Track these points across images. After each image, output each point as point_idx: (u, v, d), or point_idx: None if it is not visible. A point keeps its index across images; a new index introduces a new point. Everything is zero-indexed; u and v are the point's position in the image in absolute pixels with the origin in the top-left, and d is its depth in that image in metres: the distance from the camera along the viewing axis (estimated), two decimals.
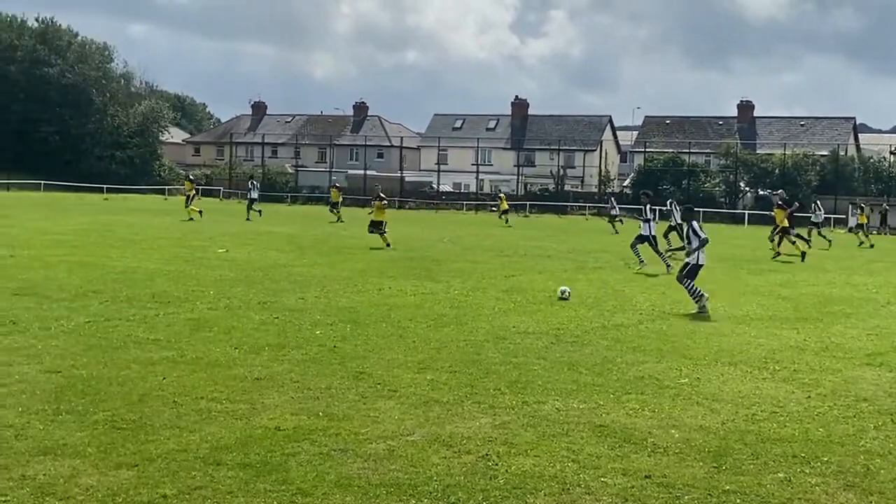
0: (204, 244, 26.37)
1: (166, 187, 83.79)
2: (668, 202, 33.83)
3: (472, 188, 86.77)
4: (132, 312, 13.43)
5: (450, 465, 6.96)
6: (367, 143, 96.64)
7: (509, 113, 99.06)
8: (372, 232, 28.31)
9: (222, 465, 6.74)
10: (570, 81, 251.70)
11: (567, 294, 16.80)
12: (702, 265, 16.16)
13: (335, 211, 47.47)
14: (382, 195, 29.91)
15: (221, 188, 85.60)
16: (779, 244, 29.25)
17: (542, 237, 33.23)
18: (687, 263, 16.28)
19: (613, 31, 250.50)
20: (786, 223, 29.33)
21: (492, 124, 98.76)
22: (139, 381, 9.21)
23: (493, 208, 75.34)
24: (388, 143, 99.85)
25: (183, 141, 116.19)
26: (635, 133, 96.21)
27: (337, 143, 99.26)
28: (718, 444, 7.72)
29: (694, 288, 15.71)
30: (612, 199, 54.84)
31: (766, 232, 34.95)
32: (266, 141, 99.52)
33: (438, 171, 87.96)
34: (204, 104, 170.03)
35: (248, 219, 42.07)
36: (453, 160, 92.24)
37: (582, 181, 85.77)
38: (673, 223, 30.27)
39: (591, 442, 7.68)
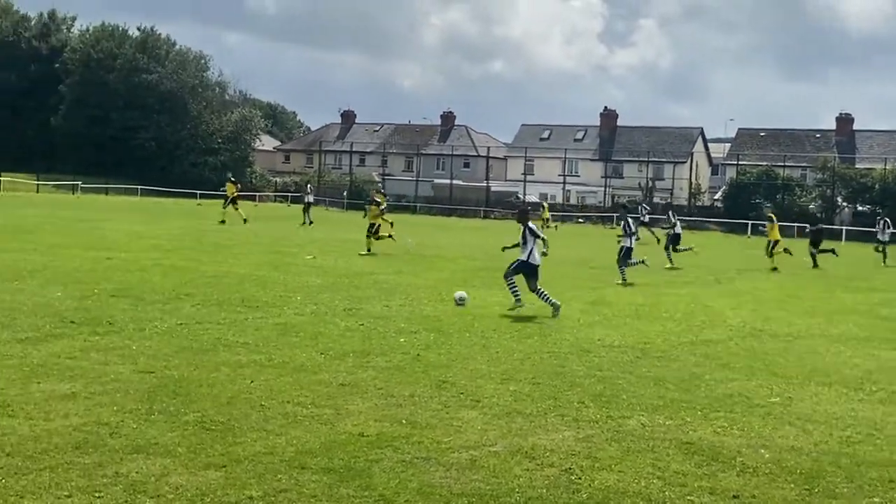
0: (292, 251, 26.72)
1: (257, 194, 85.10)
2: (668, 213, 33.71)
3: (559, 199, 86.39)
4: (222, 316, 13.68)
5: (532, 477, 6.95)
6: (454, 152, 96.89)
7: (597, 124, 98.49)
8: (369, 236, 27.94)
9: (307, 468, 6.83)
10: (659, 92, 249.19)
11: (464, 300, 16.43)
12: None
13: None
14: (377, 199, 29.82)
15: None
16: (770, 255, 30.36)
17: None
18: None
19: (704, 40, 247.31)
20: (777, 236, 30.71)
21: (579, 135, 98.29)
22: (228, 383, 9.39)
23: (581, 220, 75.02)
24: (475, 153, 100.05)
25: (274, 148, 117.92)
26: (727, 145, 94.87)
27: (424, 152, 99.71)
28: (811, 466, 7.56)
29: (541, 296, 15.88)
30: (671, 213, 53.76)
31: (865, 249, 34.18)
32: (354, 149, 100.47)
33: (525, 181, 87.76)
34: (295, 113, 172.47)
35: (304, 222, 42.53)
36: (540, 171, 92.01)
37: (671, 193, 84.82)
38: (674, 232, 30.57)
39: (677, 459, 7.60)
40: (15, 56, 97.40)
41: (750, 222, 63.78)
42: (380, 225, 28.43)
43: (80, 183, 71.30)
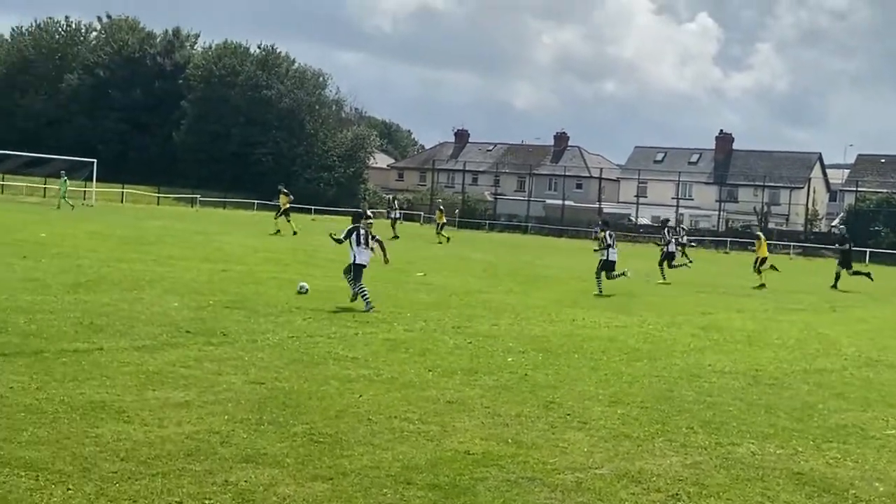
0: (403, 267, 26.91)
1: (370, 211, 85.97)
2: (665, 229, 33.61)
3: (672, 222, 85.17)
4: (333, 330, 13.85)
5: (638, 501, 6.86)
6: (567, 173, 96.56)
7: (712, 147, 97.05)
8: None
9: (412, 484, 6.86)
10: (775, 116, 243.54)
11: (305, 289, 18.12)
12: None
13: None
14: (369, 213, 29.88)
15: (422, 213, 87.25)
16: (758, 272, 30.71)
17: (742, 275, 32.30)
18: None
19: (822, 64, 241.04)
20: (765, 253, 31.39)
21: (694, 158, 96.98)
22: (337, 396, 9.49)
23: (693, 244, 73.86)
24: (588, 174, 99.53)
25: (388, 166, 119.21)
26: (846, 171, 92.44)
27: (536, 172, 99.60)
28: None
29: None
30: (681, 228, 52.83)
31: None
32: (467, 168, 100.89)
33: (637, 203, 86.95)
34: (409, 131, 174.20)
35: (394, 236, 43.09)
36: (653, 193, 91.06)
37: (787, 219, 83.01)
38: (668, 250, 31.32)
39: (787, 489, 7.41)
40: (140, 72, 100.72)
41: (868, 250, 61.94)
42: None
43: (199, 196, 73.17)
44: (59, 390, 8.83)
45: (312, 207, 77.87)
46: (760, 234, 33.39)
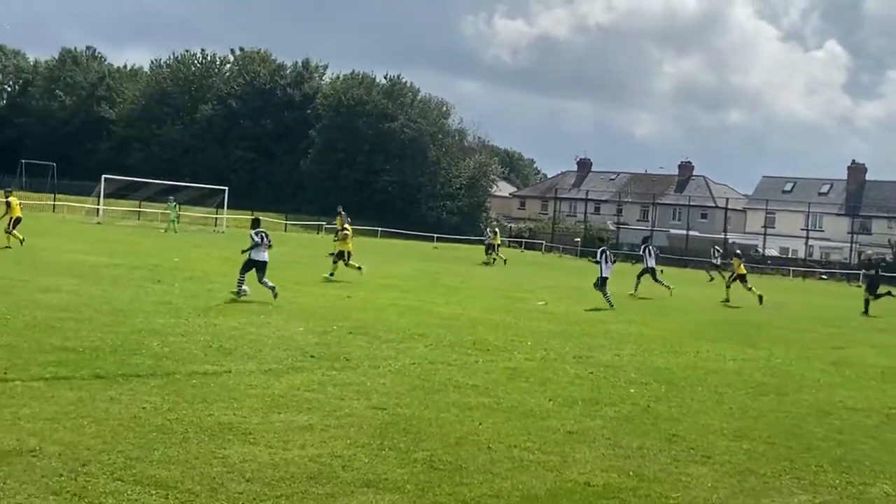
0: (524, 296, 26.91)
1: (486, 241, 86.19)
2: (642, 248, 35.01)
3: (801, 254, 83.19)
4: (454, 357, 13.92)
5: None
6: (691, 202, 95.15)
7: (844, 177, 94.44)
8: (335, 262, 28.12)
9: None
10: None
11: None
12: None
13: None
14: (346, 227, 30.00)
15: (544, 242, 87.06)
16: (728, 286, 32.80)
17: (876, 310, 31.26)
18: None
19: None
20: (743, 270, 32.90)
21: (825, 189, 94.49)
22: (457, 424, 9.53)
23: (824, 276, 71.92)
24: (713, 204, 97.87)
25: (510, 195, 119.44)
26: None
27: (660, 201, 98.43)
28: None
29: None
30: (715, 249, 53.68)
31: None
32: (589, 197, 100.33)
33: (765, 234, 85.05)
34: (532, 160, 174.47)
35: (485, 262, 43.11)
36: (781, 224, 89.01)
37: None
38: (646, 266, 33.04)
39: None
40: (271, 103, 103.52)
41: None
42: (349, 252, 28.86)
43: (324, 223, 74.37)
44: (189, 411, 9.09)
45: (435, 235, 78.41)
46: (739, 252, 35.43)
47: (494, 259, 48.27)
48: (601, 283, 26.15)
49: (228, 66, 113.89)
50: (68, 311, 15.27)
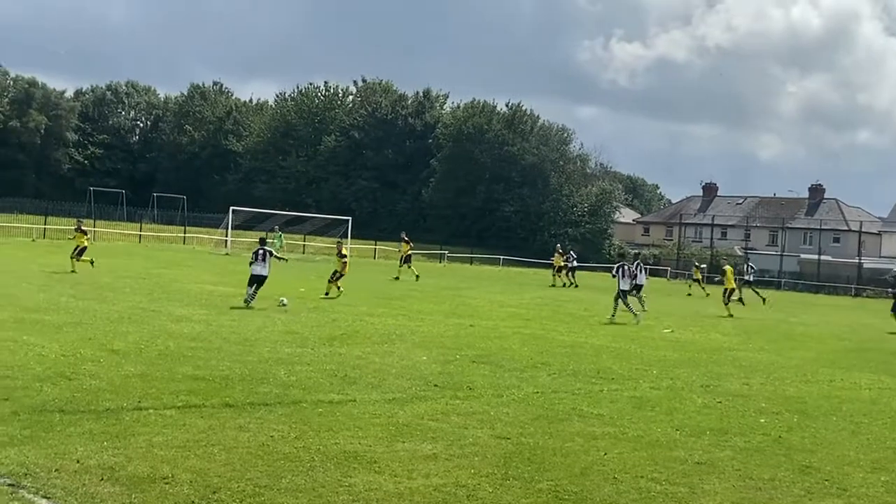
0: (649, 323, 26.54)
1: (614, 266, 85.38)
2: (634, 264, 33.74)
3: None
4: (578, 386, 13.80)
5: None
6: (823, 226, 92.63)
7: None
8: (331, 281, 28.46)
9: None
10: None
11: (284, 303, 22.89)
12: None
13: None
14: (344, 252, 29.90)
15: (669, 268, 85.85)
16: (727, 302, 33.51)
17: None
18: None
19: None
20: (732, 285, 33.99)
21: None
22: (582, 453, 9.42)
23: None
24: (846, 228, 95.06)
25: (633, 221, 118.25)
26: None
27: (790, 226, 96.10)
28: None
29: None
30: (750, 264, 52.40)
31: None
32: (715, 222, 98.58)
33: None
34: (656, 185, 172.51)
35: (568, 284, 44.68)
36: None
37: None
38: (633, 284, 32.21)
39: None
40: (393, 133, 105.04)
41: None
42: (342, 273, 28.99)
43: (446, 252, 74.80)
44: (315, 440, 9.20)
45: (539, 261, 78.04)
46: (727, 268, 35.76)
47: (574, 284, 47.95)
48: (621, 296, 27.13)
49: (351, 97, 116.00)
50: (199, 340, 15.68)
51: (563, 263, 49.82)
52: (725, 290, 33.67)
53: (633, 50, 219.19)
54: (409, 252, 43.22)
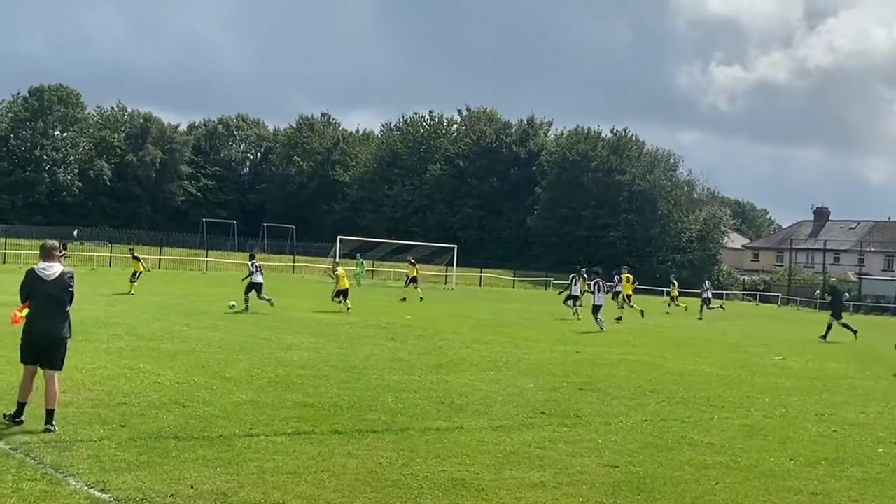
0: (759, 350, 26.02)
1: (724, 292, 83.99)
2: (570, 277, 39.11)
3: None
4: (687, 414, 13.59)
5: None
6: None
7: None
8: (335, 299, 31.21)
9: None
10: None
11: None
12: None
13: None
14: (338, 272, 32.31)
15: (780, 294, 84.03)
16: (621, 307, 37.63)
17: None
18: None
19: None
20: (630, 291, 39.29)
21: None
22: (692, 483, 9.28)
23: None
24: None
25: (742, 246, 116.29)
26: None
27: None
28: None
29: None
30: (707, 283, 52.99)
31: None
32: (828, 248, 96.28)
33: None
34: (765, 210, 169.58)
35: (699, 317, 43.78)
36: None
37: None
38: (574, 293, 37.21)
39: None
40: (498, 160, 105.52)
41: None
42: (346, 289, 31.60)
43: (552, 279, 74.51)
44: (423, 467, 9.25)
45: (665, 290, 77.01)
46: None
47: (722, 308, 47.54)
48: (594, 310, 29.74)
49: (455, 126, 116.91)
50: (308, 367, 15.91)
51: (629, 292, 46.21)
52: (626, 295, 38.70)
53: (733, 73, 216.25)
54: (416, 274, 44.52)
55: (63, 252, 31.23)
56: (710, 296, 50.07)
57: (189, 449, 9.38)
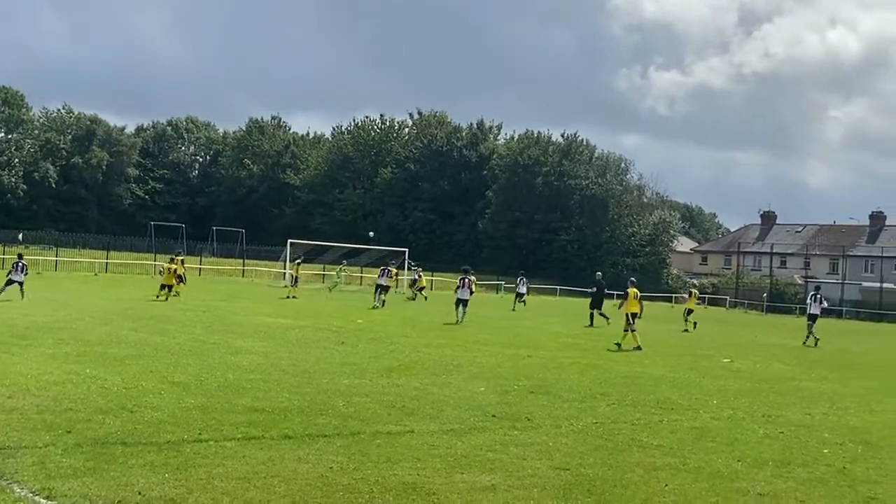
0: (708, 353, 26.27)
1: (672, 296, 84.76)
2: (518, 278, 46.82)
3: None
4: (637, 416, 13.68)
5: None
6: (884, 254, 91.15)
7: None
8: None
9: None
10: None
11: None
12: None
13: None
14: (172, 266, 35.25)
15: (728, 297, 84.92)
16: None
17: None
18: None
19: None
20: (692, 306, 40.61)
21: None
22: (642, 484, 9.34)
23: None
24: None
25: (691, 250, 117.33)
26: None
27: (850, 253, 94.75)
28: None
29: None
30: (522, 276, 52.88)
31: None
32: (774, 251, 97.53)
33: None
34: (713, 214, 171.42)
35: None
36: None
37: None
38: (520, 291, 46.97)
39: None
40: (448, 164, 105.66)
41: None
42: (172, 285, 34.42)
43: (502, 283, 74.71)
44: (374, 471, 9.22)
45: (615, 293, 77.51)
46: (693, 290, 43.55)
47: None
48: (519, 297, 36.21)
49: (406, 129, 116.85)
50: (258, 372, 15.81)
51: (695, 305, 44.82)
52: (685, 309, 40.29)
53: (671, 77, 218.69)
54: (424, 284, 47.40)
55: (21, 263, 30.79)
56: (524, 290, 51.55)
57: (136, 455, 9.28)
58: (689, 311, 40.26)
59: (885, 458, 11.56)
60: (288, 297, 40.94)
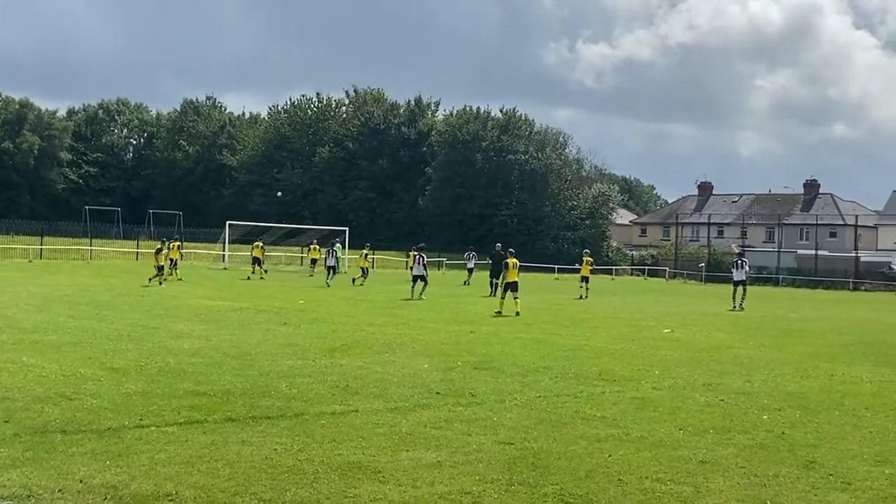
0: (649, 324, 26.55)
1: (613, 268, 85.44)
2: (465, 253, 49.51)
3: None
4: (580, 389, 13.78)
5: None
6: (819, 221, 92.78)
7: None
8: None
9: None
10: None
11: None
12: None
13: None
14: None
15: (667, 268, 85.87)
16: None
17: None
18: None
19: None
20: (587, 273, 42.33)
21: None
22: (586, 456, 9.41)
23: None
24: (842, 222, 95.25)
25: (630, 222, 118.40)
26: None
27: (786, 222, 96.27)
28: None
29: None
30: (472, 251, 54.67)
31: None
32: (712, 221, 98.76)
33: None
34: (651, 186, 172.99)
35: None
36: None
37: None
38: (469, 266, 49.50)
39: None
40: (387, 142, 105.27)
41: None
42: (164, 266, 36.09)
43: (444, 259, 74.78)
44: (319, 451, 9.19)
45: (556, 267, 77.98)
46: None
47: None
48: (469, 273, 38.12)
49: (344, 108, 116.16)
50: (199, 356, 15.66)
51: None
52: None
53: (599, 50, 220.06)
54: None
55: None
56: (472, 265, 52.91)
57: (77, 443, 9.14)
58: (585, 279, 40.92)
59: (823, 422, 11.77)
60: (248, 278, 41.75)
